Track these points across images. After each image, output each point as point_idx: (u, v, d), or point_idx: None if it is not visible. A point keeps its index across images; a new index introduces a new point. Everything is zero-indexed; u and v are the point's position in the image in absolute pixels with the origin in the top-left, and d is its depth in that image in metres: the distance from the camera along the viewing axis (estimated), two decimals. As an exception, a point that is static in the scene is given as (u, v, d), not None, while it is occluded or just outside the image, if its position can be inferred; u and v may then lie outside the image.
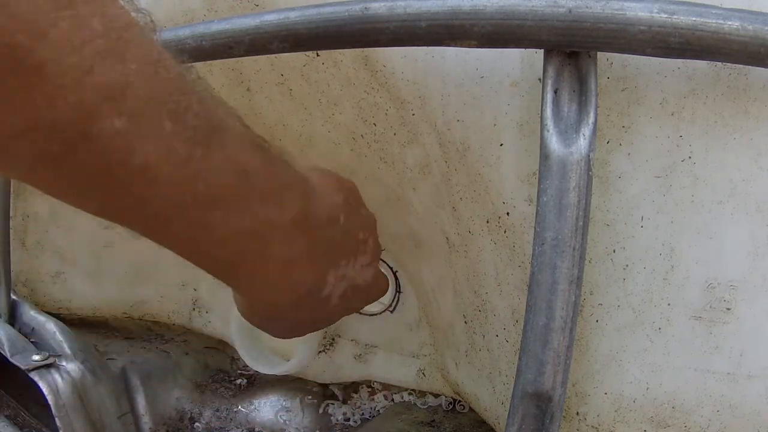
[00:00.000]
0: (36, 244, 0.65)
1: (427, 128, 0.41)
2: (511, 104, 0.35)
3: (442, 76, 0.37)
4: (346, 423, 0.56)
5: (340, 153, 0.52)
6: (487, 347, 0.44)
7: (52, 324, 0.58)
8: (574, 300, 0.29)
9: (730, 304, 0.32)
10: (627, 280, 0.34)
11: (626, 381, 0.34)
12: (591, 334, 0.34)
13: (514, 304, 0.39)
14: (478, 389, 0.47)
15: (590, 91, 0.29)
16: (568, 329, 0.29)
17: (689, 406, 0.33)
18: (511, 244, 0.38)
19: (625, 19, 0.27)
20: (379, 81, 0.42)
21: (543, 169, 0.29)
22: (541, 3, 0.28)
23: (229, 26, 0.35)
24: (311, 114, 0.51)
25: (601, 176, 0.33)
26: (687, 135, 0.32)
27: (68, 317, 0.66)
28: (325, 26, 0.32)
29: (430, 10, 0.30)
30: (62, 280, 0.66)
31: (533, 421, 0.30)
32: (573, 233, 0.29)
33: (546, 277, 0.29)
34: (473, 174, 0.38)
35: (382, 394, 0.59)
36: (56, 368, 0.52)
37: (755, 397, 0.32)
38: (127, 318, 0.69)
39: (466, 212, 0.41)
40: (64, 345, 0.55)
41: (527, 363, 0.30)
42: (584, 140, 0.29)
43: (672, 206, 0.32)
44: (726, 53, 0.27)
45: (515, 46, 0.30)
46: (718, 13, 0.27)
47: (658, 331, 0.33)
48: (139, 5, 0.26)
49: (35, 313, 0.60)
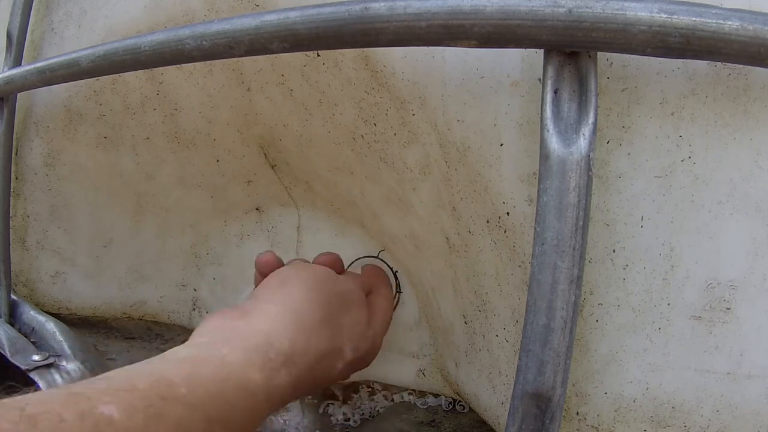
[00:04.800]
0: (36, 244, 0.65)
1: (427, 128, 0.41)
2: (511, 104, 0.35)
3: (442, 76, 0.37)
4: (346, 423, 0.56)
5: (340, 153, 0.52)
6: (487, 347, 0.44)
7: (52, 324, 0.58)
8: (574, 300, 0.29)
9: (730, 304, 0.32)
10: (627, 280, 0.34)
11: (626, 381, 0.34)
12: (591, 334, 0.34)
13: (514, 304, 0.39)
14: (478, 389, 0.47)
15: (590, 91, 0.29)
16: (568, 329, 0.29)
17: (689, 406, 0.33)
18: (511, 244, 0.38)
19: (625, 19, 0.27)
20: (379, 81, 0.42)
21: (543, 169, 0.29)
22: (541, 3, 0.28)
23: (229, 26, 0.35)
24: (311, 114, 0.51)
25: (601, 176, 0.33)
26: (687, 135, 0.32)
27: (68, 317, 0.67)
28: (325, 26, 0.32)
29: (430, 10, 0.30)
30: (62, 280, 0.66)
31: (533, 421, 0.30)
32: (573, 233, 0.29)
33: (546, 277, 0.29)
34: (473, 174, 0.38)
35: (382, 394, 0.59)
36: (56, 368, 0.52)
37: (755, 397, 0.32)
38: (127, 318, 0.69)
39: (466, 212, 0.41)
40: (64, 345, 0.55)
41: (527, 363, 0.30)
42: (584, 140, 0.29)
43: (672, 206, 0.32)
44: (726, 53, 0.27)
45: (515, 46, 0.30)
46: (718, 13, 0.27)
47: (658, 331, 0.33)
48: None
49: (35, 313, 0.60)
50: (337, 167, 0.55)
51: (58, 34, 0.61)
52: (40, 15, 0.62)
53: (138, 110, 0.59)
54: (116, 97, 0.58)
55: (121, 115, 0.59)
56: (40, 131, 0.61)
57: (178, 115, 0.59)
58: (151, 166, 0.63)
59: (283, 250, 0.64)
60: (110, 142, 0.61)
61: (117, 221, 0.66)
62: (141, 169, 0.63)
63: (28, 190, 0.63)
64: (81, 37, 0.58)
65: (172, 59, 0.39)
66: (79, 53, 0.46)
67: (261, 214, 0.66)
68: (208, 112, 0.58)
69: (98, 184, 0.64)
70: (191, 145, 0.61)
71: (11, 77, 0.55)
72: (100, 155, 0.62)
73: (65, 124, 0.60)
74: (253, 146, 0.60)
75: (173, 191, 0.65)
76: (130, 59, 0.42)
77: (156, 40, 0.39)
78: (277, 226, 0.65)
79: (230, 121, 0.58)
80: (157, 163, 0.63)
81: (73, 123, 0.60)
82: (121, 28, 0.54)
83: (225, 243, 0.68)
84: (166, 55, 0.39)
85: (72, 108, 0.59)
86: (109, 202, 0.65)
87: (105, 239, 0.66)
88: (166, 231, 0.68)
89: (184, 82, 0.55)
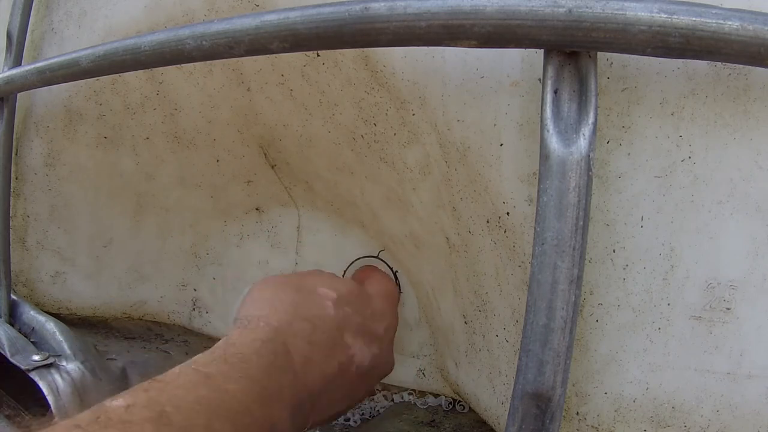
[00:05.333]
0: (36, 244, 0.65)
1: (427, 128, 0.41)
2: (511, 104, 0.35)
3: (442, 76, 0.37)
4: (346, 423, 0.56)
5: (340, 153, 0.52)
6: (487, 347, 0.44)
7: (52, 324, 0.58)
8: (574, 300, 0.29)
9: (730, 304, 0.32)
10: (627, 280, 0.34)
11: (626, 381, 0.34)
12: (591, 334, 0.34)
13: (514, 304, 0.39)
14: (478, 389, 0.47)
15: (590, 91, 0.29)
16: (568, 329, 0.29)
17: (689, 405, 0.33)
18: (511, 244, 0.38)
19: (625, 19, 0.27)
20: (379, 81, 0.42)
21: (543, 169, 0.29)
22: (541, 3, 0.28)
23: (229, 26, 0.35)
24: (311, 114, 0.51)
25: (601, 176, 0.33)
26: (687, 135, 0.32)
27: (68, 317, 0.67)
28: (325, 26, 0.32)
29: (430, 10, 0.30)
30: (62, 280, 0.66)
31: (533, 421, 0.30)
32: (573, 233, 0.29)
33: (546, 277, 0.29)
34: (473, 174, 0.38)
35: (382, 394, 0.59)
36: (56, 368, 0.52)
37: (755, 397, 0.32)
38: (127, 318, 0.69)
39: (466, 212, 0.41)
40: (64, 345, 0.55)
41: (527, 363, 0.30)
42: (584, 140, 0.29)
43: (672, 206, 0.32)
44: (726, 53, 0.27)
45: (515, 46, 0.30)
46: (718, 13, 0.27)
47: (658, 331, 0.33)
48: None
49: (35, 313, 0.60)
50: (337, 167, 0.55)
51: (58, 34, 0.61)
52: (40, 15, 0.62)
53: (138, 110, 0.59)
54: (116, 97, 0.58)
55: (121, 115, 0.59)
56: (40, 131, 0.61)
57: (178, 115, 0.59)
58: (151, 166, 0.63)
59: (283, 250, 0.65)
60: (110, 142, 0.61)
61: (117, 221, 0.66)
62: (141, 169, 0.63)
63: (28, 190, 0.63)
64: (81, 37, 0.58)
65: (172, 59, 0.39)
66: (79, 53, 0.46)
67: (261, 214, 0.66)
68: (208, 112, 0.58)
69: (98, 184, 0.64)
70: (191, 145, 0.61)
71: (11, 77, 0.55)
72: (100, 155, 0.62)
73: (65, 124, 0.60)
74: (253, 146, 0.60)
75: (173, 191, 0.65)
76: (130, 59, 0.42)
77: (156, 40, 0.39)
78: (277, 226, 0.65)
79: (230, 121, 0.58)
80: (157, 163, 0.63)
81: (73, 123, 0.60)
82: (121, 28, 0.54)
83: (225, 243, 0.68)
84: (166, 55, 0.39)
85: (72, 108, 0.59)
86: (109, 202, 0.65)
87: (105, 239, 0.66)
88: (166, 231, 0.68)
89: (184, 82, 0.55)
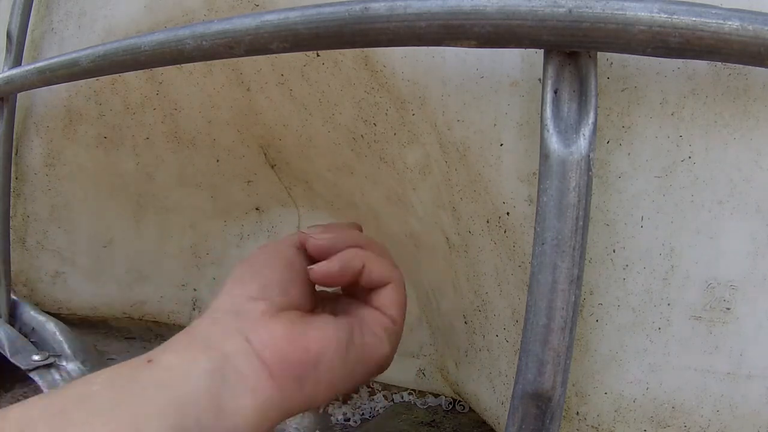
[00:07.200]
0: (36, 244, 0.65)
1: (427, 128, 0.41)
2: (511, 104, 0.35)
3: (442, 76, 0.37)
4: (346, 423, 0.56)
5: (340, 153, 0.52)
6: (487, 347, 0.44)
7: (52, 324, 0.58)
8: (574, 300, 0.29)
9: (730, 304, 0.32)
10: (627, 280, 0.34)
11: (626, 381, 0.34)
12: (591, 334, 0.34)
13: (514, 304, 0.39)
14: (478, 389, 0.47)
15: (590, 91, 0.29)
16: (568, 329, 0.29)
17: (689, 406, 0.33)
18: (511, 244, 0.38)
19: (625, 19, 0.27)
20: (379, 81, 0.42)
21: (543, 169, 0.29)
22: (541, 3, 0.28)
23: (229, 26, 0.35)
24: (311, 114, 0.51)
25: (601, 176, 0.33)
26: (687, 135, 0.32)
27: (68, 317, 0.67)
28: (325, 26, 0.32)
29: (430, 10, 0.30)
30: (62, 280, 0.66)
31: (533, 421, 0.30)
32: (573, 233, 0.29)
33: (546, 277, 0.29)
34: (473, 174, 0.38)
35: (382, 394, 0.59)
36: (56, 368, 0.52)
37: (755, 397, 0.32)
38: (127, 318, 0.69)
39: (466, 212, 0.41)
40: (64, 345, 0.55)
41: (527, 363, 0.30)
42: (584, 140, 0.29)
43: (672, 206, 0.32)
44: (726, 53, 0.27)
45: (515, 46, 0.30)
46: (718, 13, 0.27)
47: (658, 331, 0.33)
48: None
49: (35, 313, 0.60)
50: (337, 167, 0.55)
51: (58, 34, 0.61)
52: (40, 15, 0.62)
53: (138, 110, 0.59)
54: (116, 97, 0.58)
55: (121, 115, 0.59)
56: (40, 131, 0.61)
57: (178, 115, 0.59)
58: (151, 166, 0.63)
59: (283, 250, 0.64)
60: (110, 142, 0.61)
61: (117, 221, 0.66)
62: (141, 169, 0.63)
63: (28, 190, 0.63)
64: (81, 37, 0.58)
65: (172, 59, 0.39)
66: (79, 53, 0.46)
67: (261, 214, 0.66)
68: (208, 112, 0.58)
69: (98, 184, 0.64)
70: (191, 145, 0.61)
71: (11, 77, 0.55)
72: (100, 155, 0.62)
73: (65, 124, 0.60)
74: (253, 146, 0.60)
75: (173, 191, 0.65)
76: (130, 59, 0.42)
77: (156, 40, 0.39)
78: (277, 226, 0.65)
79: (230, 121, 0.58)
80: (157, 163, 0.63)
81: (73, 123, 0.60)
82: (121, 28, 0.54)
83: (225, 243, 0.68)
84: (166, 55, 0.39)
85: (72, 108, 0.59)
86: (109, 202, 0.65)
87: (105, 239, 0.66)
88: (166, 231, 0.68)
89: (183, 82, 0.55)
